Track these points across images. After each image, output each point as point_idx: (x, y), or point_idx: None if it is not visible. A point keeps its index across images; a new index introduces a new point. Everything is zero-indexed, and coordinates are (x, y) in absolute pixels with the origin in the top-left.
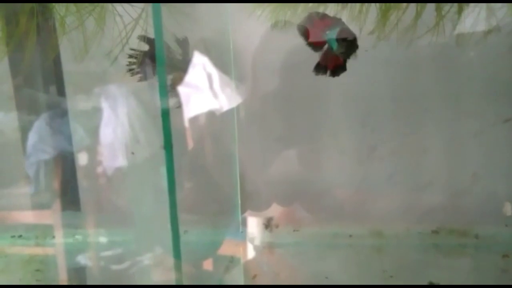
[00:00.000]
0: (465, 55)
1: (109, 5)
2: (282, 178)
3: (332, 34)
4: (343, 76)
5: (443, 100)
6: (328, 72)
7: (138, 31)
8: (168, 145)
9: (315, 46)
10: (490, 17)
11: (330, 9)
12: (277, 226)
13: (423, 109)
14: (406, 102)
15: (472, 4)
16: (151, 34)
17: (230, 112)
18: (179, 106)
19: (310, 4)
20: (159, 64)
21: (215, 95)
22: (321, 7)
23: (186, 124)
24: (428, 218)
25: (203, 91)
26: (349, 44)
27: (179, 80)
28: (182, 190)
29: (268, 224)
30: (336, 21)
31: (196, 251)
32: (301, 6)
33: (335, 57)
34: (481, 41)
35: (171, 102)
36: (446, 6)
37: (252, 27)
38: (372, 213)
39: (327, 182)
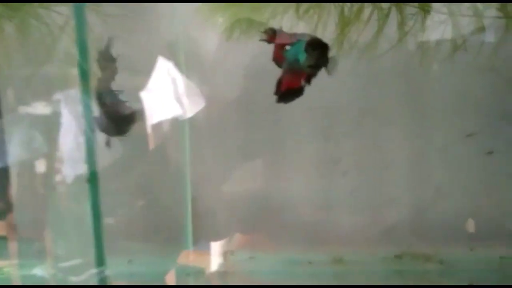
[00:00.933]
0: (430, 69)
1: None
2: (240, 196)
3: (296, 48)
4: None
5: (407, 114)
6: (277, 96)
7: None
8: (93, 178)
9: (278, 62)
10: (457, 36)
11: (286, 21)
12: (232, 253)
13: (387, 123)
14: (370, 115)
15: (437, 21)
16: None
17: (181, 124)
18: (108, 142)
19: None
20: (82, 77)
21: (164, 105)
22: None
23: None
24: (391, 239)
25: (150, 102)
26: (321, 53)
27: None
28: (125, 215)
29: (222, 251)
30: (299, 35)
31: (143, 282)
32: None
33: (292, 77)
34: (447, 59)
35: None
36: (410, 22)
37: (209, 34)
38: (334, 235)
39: (288, 199)
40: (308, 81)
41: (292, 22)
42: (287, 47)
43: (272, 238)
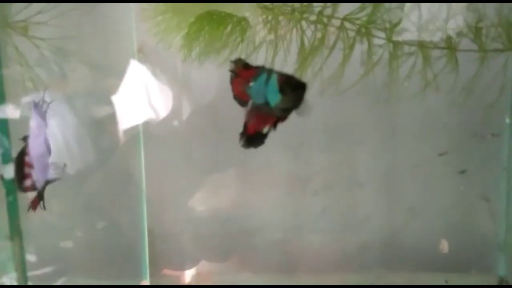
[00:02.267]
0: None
1: None
2: (204, 218)
3: (260, 85)
4: None
5: (378, 133)
6: (243, 140)
7: None
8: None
9: (240, 101)
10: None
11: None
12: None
13: (359, 142)
14: (340, 134)
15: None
16: None
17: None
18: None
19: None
20: None
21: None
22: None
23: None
24: (363, 264)
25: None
26: (298, 95)
27: None
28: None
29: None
30: (261, 70)
31: None
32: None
33: (259, 120)
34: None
35: None
36: (379, 51)
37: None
38: (304, 260)
39: (256, 222)
40: (275, 125)
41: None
42: (250, 83)
43: (238, 268)
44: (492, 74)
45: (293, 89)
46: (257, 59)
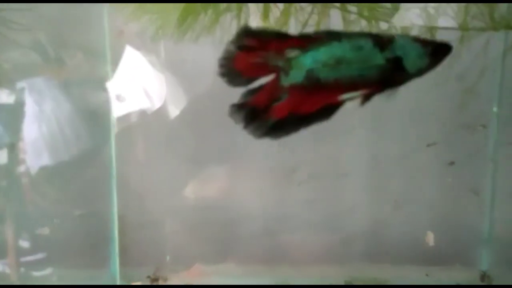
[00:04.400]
0: None
1: None
2: (185, 207)
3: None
4: None
5: (366, 123)
6: (264, 127)
7: None
8: None
9: (244, 77)
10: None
11: None
12: (165, 279)
13: (345, 131)
14: (327, 124)
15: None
16: None
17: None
18: None
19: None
20: None
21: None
22: None
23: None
24: (347, 256)
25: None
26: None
27: None
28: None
29: (155, 277)
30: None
31: None
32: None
33: (301, 97)
34: None
35: None
36: None
37: None
38: (287, 251)
39: (239, 212)
40: (368, 98)
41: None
42: (293, 52)
43: (217, 260)
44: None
45: (442, 51)
46: None
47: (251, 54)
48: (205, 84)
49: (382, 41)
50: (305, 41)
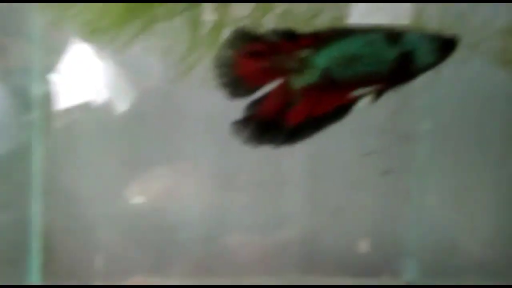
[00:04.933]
0: None
1: None
2: (119, 214)
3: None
4: (203, 95)
5: None
6: (282, 136)
7: None
8: None
9: (248, 86)
10: None
11: None
12: None
13: None
14: None
15: None
16: None
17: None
18: None
19: None
20: None
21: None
22: None
23: None
24: (282, 265)
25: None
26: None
27: None
28: None
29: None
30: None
31: None
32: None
33: (316, 99)
34: None
35: None
36: None
37: None
38: (224, 259)
39: (175, 218)
40: (380, 94)
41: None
42: (305, 52)
43: (153, 269)
44: None
45: (451, 46)
46: None
47: (257, 59)
48: (151, 81)
49: (393, 35)
50: (317, 39)
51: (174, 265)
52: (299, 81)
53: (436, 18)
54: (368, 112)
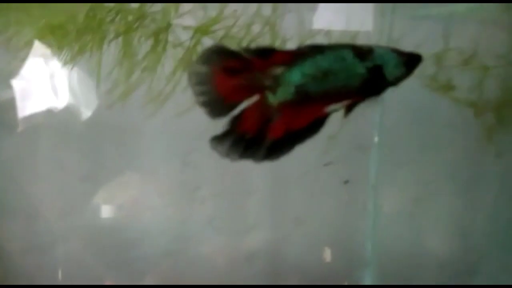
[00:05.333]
0: None
1: None
2: (78, 230)
3: (326, 65)
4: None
5: None
6: (262, 150)
7: None
8: None
9: (228, 103)
10: None
11: None
12: None
13: None
14: None
15: None
16: None
17: None
18: None
19: None
20: None
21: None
22: None
23: None
24: (248, 277)
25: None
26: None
27: None
28: None
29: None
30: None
31: None
32: None
33: (295, 113)
34: None
35: None
36: None
37: None
38: (189, 272)
39: (138, 232)
40: (351, 108)
41: None
42: (290, 68)
43: (120, 275)
44: None
45: (415, 61)
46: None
47: (235, 76)
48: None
49: (362, 52)
50: (290, 56)
51: (138, 280)
52: (275, 98)
53: (371, 42)
54: (328, 123)
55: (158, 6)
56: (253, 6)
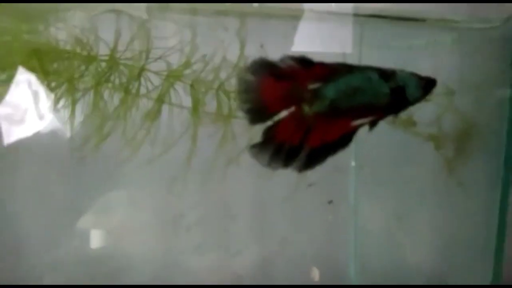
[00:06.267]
0: None
1: None
2: (63, 263)
3: (357, 83)
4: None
5: (251, 166)
6: (302, 158)
7: None
8: None
9: (267, 112)
10: None
11: None
12: None
13: (232, 175)
14: (213, 168)
15: None
16: None
17: None
18: None
19: None
20: None
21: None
22: None
23: None
24: None
25: None
26: (429, 86)
27: None
28: None
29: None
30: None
31: None
32: None
33: (327, 126)
34: None
35: None
36: None
37: None
38: None
39: (123, 263)
40: (374, 124)
41: None
42: (316, 84)
43: None
44: None
45: (432, 85)
46: None
47: (279, 86)
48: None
49: (385, 74)
50: (326, 70)
51: None
52: (310, 110)
53: None
54: None
55: (128, 53)
56: (220, 51)
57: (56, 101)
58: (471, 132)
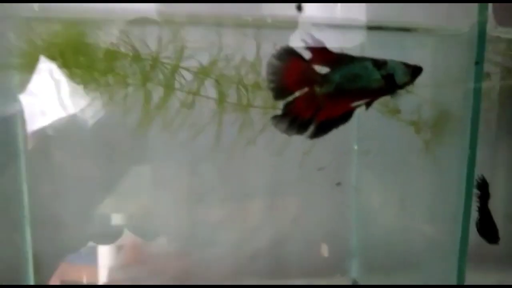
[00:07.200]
0: None
1: None
2: (103, 236)
3: (357, 70)
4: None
5: (266, 150)
6: (312, 129)
7: None
8: None
9: (286, 91)
10: None
11: None
12: None
13: (250, 157)
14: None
15: None
16: None
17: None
18: None
19: None
20: None
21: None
22: None
23: None
24: (253, 273)
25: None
26: (415, 73)
27: None
28: None
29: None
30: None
31: None
32: None
33: (333, 105)
34: None
35: None
36: None
37: None
38: (199, 273)
39: (155, 233)
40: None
41: None
42: (338, 69)
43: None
44: None
45: (418, 72)
46: None
47: (298, 72)
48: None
49: (378, 63)
50: (336, 58)
51: (152, 279)
52: (320, 91)
53: None
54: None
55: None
56: (240, 52)
57: (111, 96)
58: (444, 118)
